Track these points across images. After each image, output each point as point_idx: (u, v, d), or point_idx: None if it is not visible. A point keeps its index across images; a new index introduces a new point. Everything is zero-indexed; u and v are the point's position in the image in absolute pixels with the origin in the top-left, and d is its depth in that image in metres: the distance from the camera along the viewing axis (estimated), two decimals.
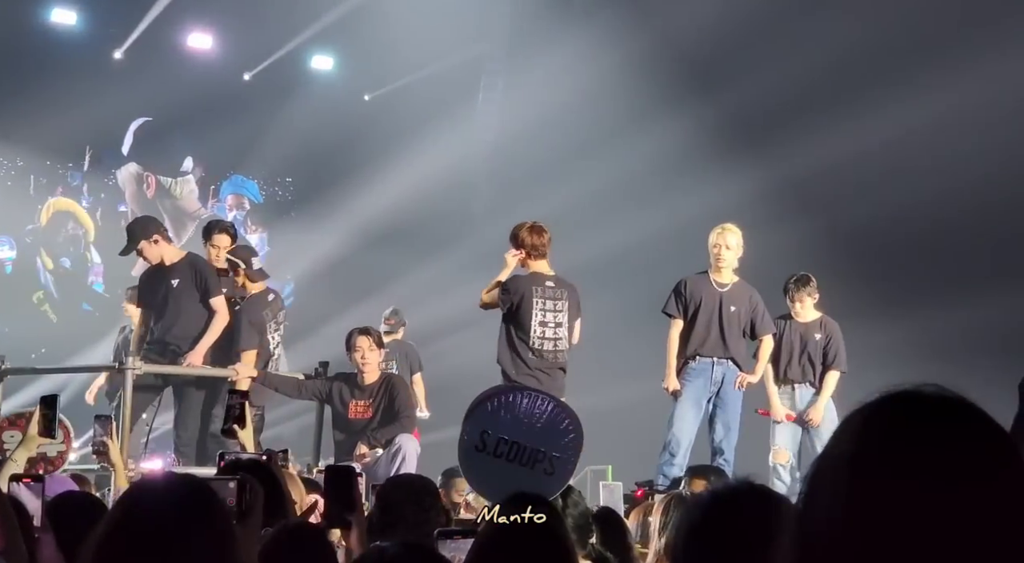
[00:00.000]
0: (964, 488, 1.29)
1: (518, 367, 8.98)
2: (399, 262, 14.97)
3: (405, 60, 15.63)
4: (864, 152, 13.42)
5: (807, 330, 10.04)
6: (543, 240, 9.14)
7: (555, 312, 9.08)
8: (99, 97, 14.78)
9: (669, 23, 14.25)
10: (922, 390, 1.39)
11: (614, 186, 14.55)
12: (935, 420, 1.35)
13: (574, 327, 9.23)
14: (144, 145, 16.21)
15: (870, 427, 1.36)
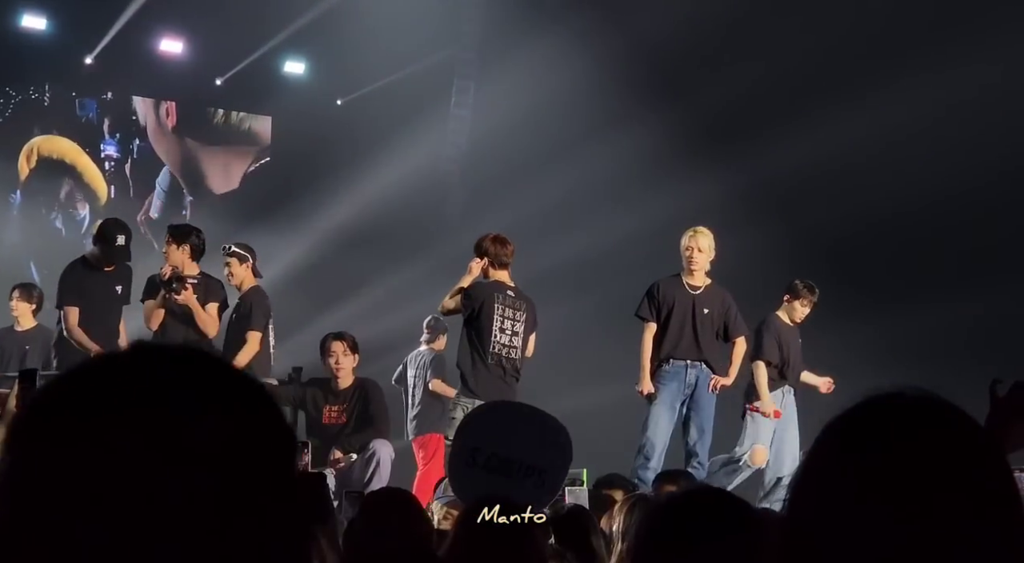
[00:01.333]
0: (949, 496, 1.29)
1: (477, 372, 9.06)
2: (372, 266, 14.94)
3: (377, 64, 15.61)
4: (835, 153, 13.46)
5: (791, 334, 10.11)
6: (507, 251, 9.28)
7: (514, 321, 9.17)
8: None
9: (639, 26, 14.27)
10: (903, 394, 1.39)
11: (586, 189, 14.57)
12: (916, 426, 1.35)
13: (529, 340, 9.30)
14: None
15: (852, 434, 1.36)
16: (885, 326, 12.91)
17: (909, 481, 1.29)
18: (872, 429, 1.35)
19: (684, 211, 11.56)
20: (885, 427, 1.34)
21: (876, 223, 13.83)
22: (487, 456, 5.49)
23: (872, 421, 1.36)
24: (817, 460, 1.36)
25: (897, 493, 1.29)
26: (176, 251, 9.83)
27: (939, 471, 1.30)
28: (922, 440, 1.32)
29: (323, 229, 15.42)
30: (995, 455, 1.34)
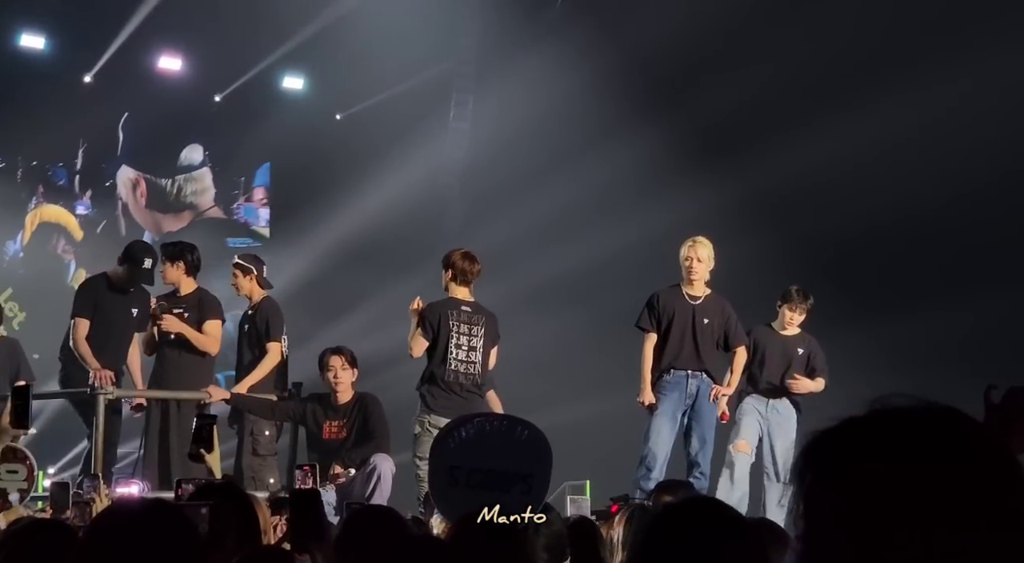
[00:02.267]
0: (958, 509, 1.27)
1: (435, 389, 9.14)
2: (372, 280, 14.95)
3: (376, 79, 15.65)
4: (831, 162, 13.47)
5: (789, 344, 10.02)
6: (473, 269, 9.43)
7: (470, 336, 9.24)
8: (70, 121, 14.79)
9: (635, 38, 14.30)
10: (904, 403, 1.36)
11: (584, 201, 14.58)
12: (921, 437, 1.32)
13: (490, 353, 9.34)
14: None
15: (854, 443, 1.34)
16: (880, 334, 12.91)
17: (919, 496, 1.27)
18: (874, 440, 1.32)
19: (681, 221, 11.56)
20: (887, 440, 1.31)
21: (872, 231, 13.82)
22: (467, 473, 5.47)
23: (875, 433, 1.33)
24: (823, 474, 1.34)
25: (906, 510, 1.27)
26: (172, 269, 9.93)
27: (952, 486, 1.27)
28: (929, 453, 1.30)
29: (322, 243, 15.43)
30: (1010, 464, 1.31)
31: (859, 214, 13.61)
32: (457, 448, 5.67)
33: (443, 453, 5.69)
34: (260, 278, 10.14)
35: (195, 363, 9.91)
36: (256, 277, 10.10)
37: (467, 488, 5.47)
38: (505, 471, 5.54)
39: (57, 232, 15.78)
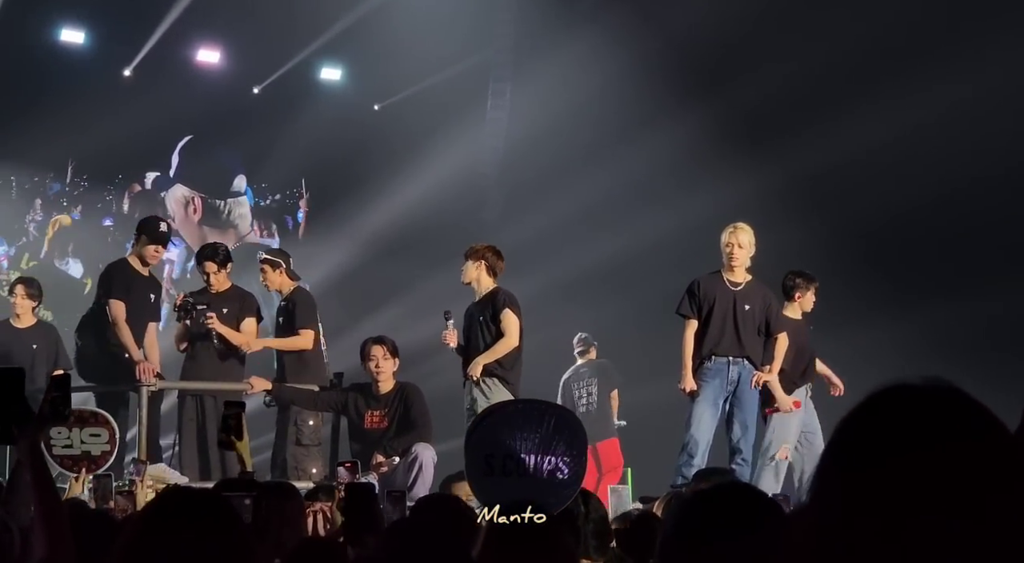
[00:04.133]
0: (956, 486, 1.25)
1: (518, 366, 9.56)
2: (411, 271, 14.97)
3: (413, 69, 15.65)
4: (874, 148, 13.39)
5: (798, 327, 9.98)
6: (500, 265, 9.85)
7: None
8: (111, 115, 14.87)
9: (673, 24, 14.24)
10: (913, 383, 1.35)
11: (624, 188, 14.54)
12: (924, 417, 1.31)
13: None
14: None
15: (861, 425, 1.33)
16: (921, 320, 12.82)
17: (919, 475, 1.26)
18: (880, 421, 1.31)
19: (721, 208, 11.52)
20: (892, 418, 1.30)
21: (915, 217, 13.72)
22: (501, 460, 5.46)
23: (881, 413, 1.32)
24: (830, 453, 1.34)
25: (904, 488, 1.25)
26: (216, 269, 9.96)
27: (951, 464, 1.26)
28: (931, 432, 1.29)
29: (362, 234, 15.47)
30: (1010, 446, 1.30)
31: (900, 199, 13.52)
32: (491, 436, 5.67)
33: (477, 442, 5.69)
34: (289, 270, 10.20)
35: (229, 357, 9.95)
36: (285, 270, 10.15)
37: (503, 476, 5.45)
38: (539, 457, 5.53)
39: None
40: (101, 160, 15.39)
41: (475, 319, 9.67)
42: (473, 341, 9.65)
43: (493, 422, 5.62)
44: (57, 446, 8.36)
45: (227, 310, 9.92)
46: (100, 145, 14.96)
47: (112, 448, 8.42)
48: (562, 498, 5.24)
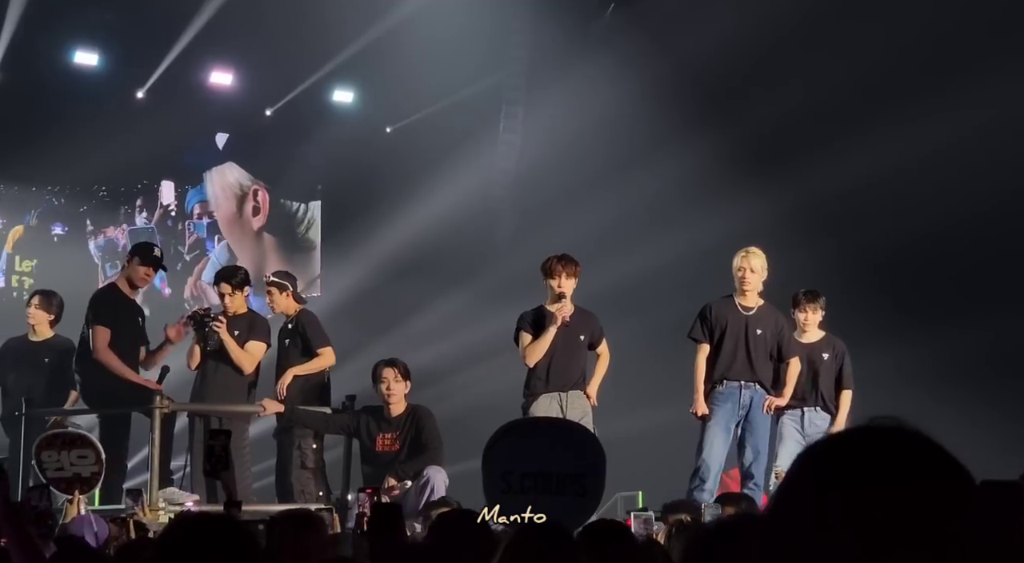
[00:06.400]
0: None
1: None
2: (424, 293, 14.98)
3: (426, 92, 15.69)
4: (885, 173, 13.37)
5: (813, 350, 9.90)
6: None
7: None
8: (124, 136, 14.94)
9: (685, 48, 14.25)
10: (881, 428, 1.36)
11: (636, 211, 14.54)
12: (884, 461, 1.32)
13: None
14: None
15: (845, 450, 1.34)
16: (932, 346, 12.77)
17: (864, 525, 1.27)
18: (836, 467, 1.33)
19: (733, 232, 11.52)
20: (852, 465, 1.32)
21: (926, 242, 13.69)
22: (519, 477, 5.44)
23: (840, 458, 1.34)
24: (783, 493, 1.35)
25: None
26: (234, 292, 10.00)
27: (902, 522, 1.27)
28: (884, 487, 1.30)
29: (374, 257, 15.48)
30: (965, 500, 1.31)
31: (911, 225, 13.50)
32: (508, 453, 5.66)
33: (494, 459, 5.68)
34: (295, 293, 10.22)
35: (236, 379, 9.95)
36: (291, 292, 10.17)
37: (520, 493, 5.44)
38: (557, 473, 5.52)
39: None
40: (116, 180, 15.47)
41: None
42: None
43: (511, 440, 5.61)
44: (50, 469, 8.45)
45: (237, 332, 9.94)
46: (114, 166, 15.03)
47: (100, 469, 8.49)
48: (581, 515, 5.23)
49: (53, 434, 8.90)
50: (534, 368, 9.37)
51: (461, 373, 14.29)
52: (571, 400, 9.33)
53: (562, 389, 9.34)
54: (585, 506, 5.42)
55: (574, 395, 9.36)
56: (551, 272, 9.44)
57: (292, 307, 10.15)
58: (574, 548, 3.30)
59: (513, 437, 5.68)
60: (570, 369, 9.42)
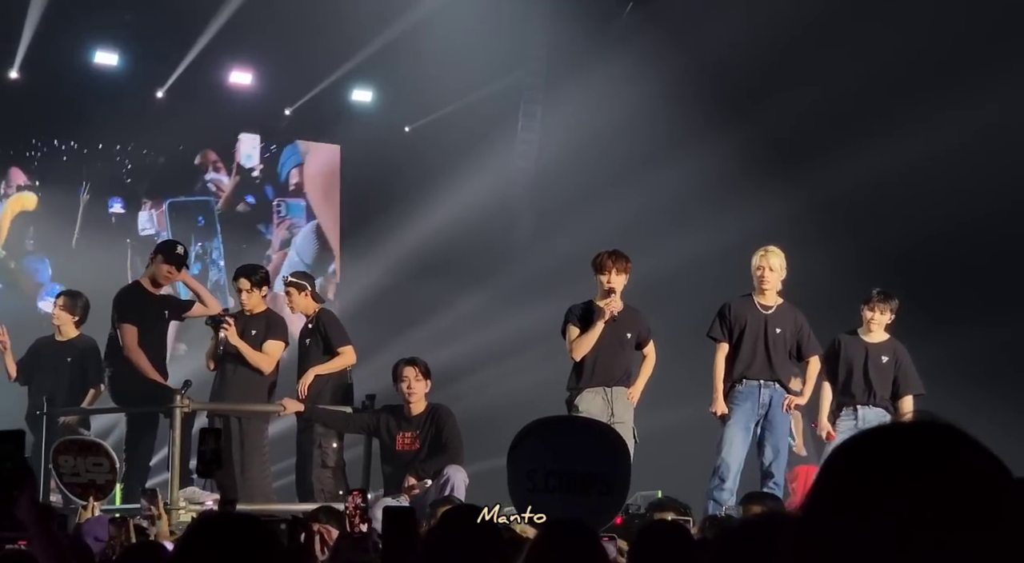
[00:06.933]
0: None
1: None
2: (443, 292, 15.00)
3: (444, 91, 15.70)
4: (906, 169, 13.34)
5: (875, 350, 9.83)
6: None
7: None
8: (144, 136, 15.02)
9: (704, 47, 14.25)
10: (910, 424, 1.36)
11: (655, 211, 14.53)
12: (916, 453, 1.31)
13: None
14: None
15: (838, 466, 1.34)
16: (955, 345, 12.74)
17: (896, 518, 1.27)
18: (868, 461, 1.32)
19: (752, 231, 11.51)
20: (883, 459, 1.31)
21: (945, 241, 13.66)
22: (544, 476, 5.44)
23: (873, 451, 1.33)
24: (817, 485, 1.35)
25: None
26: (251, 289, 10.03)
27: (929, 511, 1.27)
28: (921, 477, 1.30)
29: (393, 256, 15.51)
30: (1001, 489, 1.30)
31: (930, 223, 13.47)
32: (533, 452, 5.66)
33: (519, 458, 5.68)
34: (314, 293, 10.26)
35: (255, 379, 9.97)
36: (310, 292, 10.20)
37: (545, 492, 5.45)
38: (581, 472, 5.52)
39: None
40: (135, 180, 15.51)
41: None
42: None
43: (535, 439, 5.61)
44: (65, 474, 8.51)
45: (255, 332, 9.96)
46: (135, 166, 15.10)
47: (114, 478, 8.56)
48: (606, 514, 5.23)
49: (70, 440, 8.97)
50: (580, 363, 9.33)
51: (480, 372, 14.30)
52: (616, 395, 9.33)
53: (606, 384, 9.33)
54: (610, 505, 5.42)
55: (618, 391, 9.36)
56: (601, 267, 9.42)
57: (311, 307, 10.19)
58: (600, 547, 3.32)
59: (537, 436, 5.68)
60: (615, 366, 9.41)
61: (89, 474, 8.54)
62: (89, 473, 8.54)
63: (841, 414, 9.73)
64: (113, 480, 8.62)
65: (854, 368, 9.75)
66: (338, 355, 10.01)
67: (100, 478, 8.53)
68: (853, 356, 9.79)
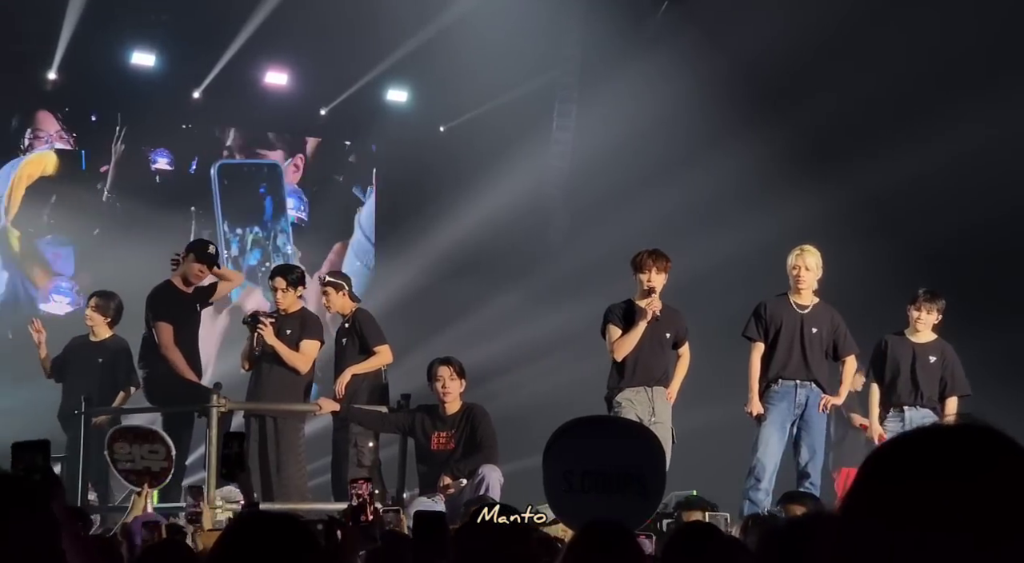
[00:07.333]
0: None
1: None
2: (477, 291, 15.01)
3: (479, 90, 15.71)
4: (942, 167, 13.26)
5: (922, 350, 9.78)
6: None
7: None
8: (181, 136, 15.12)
9: (739, 46, 14.20)
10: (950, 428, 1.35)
11: (690, 210, 14.50)
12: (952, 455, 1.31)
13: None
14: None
15: (875, 470, 1.34)
16: (991, 346, 12.64)
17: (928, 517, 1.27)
18: (909, 460, 1.32)
19: (788, 230, 11.47)
20: (925, 458, 1.31)
21: (981, 238, 13.57)
22: (580, 476, 5.43)
23: (913, 452, 1.33)
24: (854, 486, 1.35)
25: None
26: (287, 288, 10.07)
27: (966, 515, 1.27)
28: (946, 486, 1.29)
29: (428, 255, 15.54)
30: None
31: (972, 220, 13.39)
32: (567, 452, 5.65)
33: (554, 458, 5.67)
34: (351, 292, 10.28)
35: (291, 379, 10.00)
36: (347, 292, 10.23)
37: (581, 492, 5.44)
38: (617, 472, 5.50)
39: None
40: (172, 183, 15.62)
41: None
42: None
43: (569, 439, 5.60)
44: (121, 461, 8.56)
45: (289, 332, 9.99)
46: None
47: (170, 465, 8.62)
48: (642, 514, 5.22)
49: (126, 427, 9.01)
50: (621, 362, 9.32)
51: (514, 371, 14.31)
52: (656, 395, 9.32)
53: (647, 384, 9.31)
54: (645, 505, 5.40)
55: (658, 391, 9.34)
56: (641, 266, 9.40)
57: (348, 306, 10.22)
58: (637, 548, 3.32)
59: (572, 437, 5.67)
60: (655, 366, 9.39)
61: (144, 461, 8.59)
62: (144, 460, 8.59)
63: (888, 415, 9.67)
64: (168, 468, 8.67)
65: (901, 369, 9.70)
66: (374, 354, 10.03)
67: (155, 465, 8.57)
68: (900, 357, 9.73)
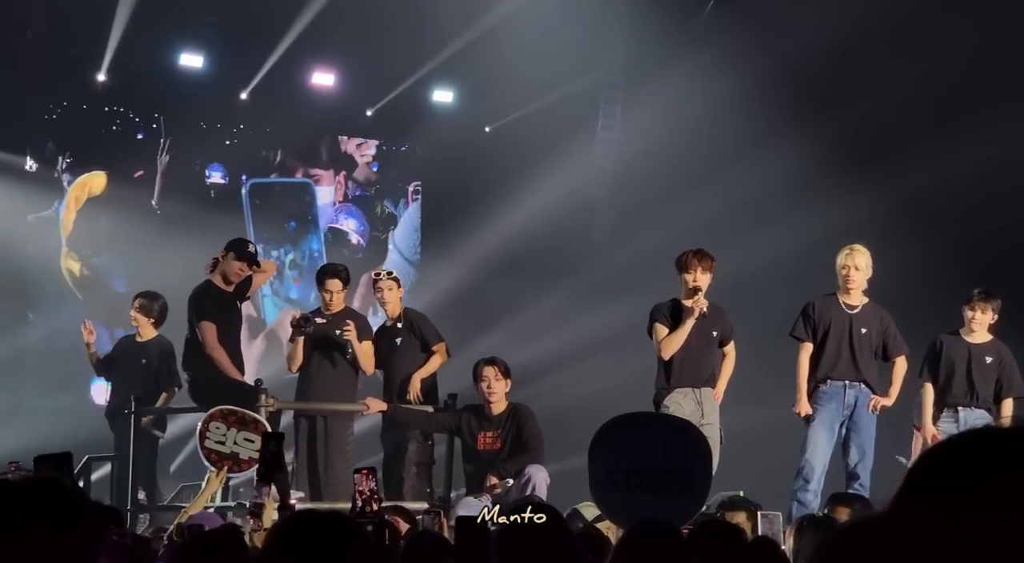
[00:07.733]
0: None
1: None
2: (522, 291, 15.02)
3: (525, 91, 15.72)
4: (991, 165, 13.15)
5: (978, 351, 9.69)
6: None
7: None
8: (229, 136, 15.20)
9: (784, 45, 14.14)
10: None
11: (736, 209, 14.45)
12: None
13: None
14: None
15: (928, 467, 1.32)
16: None
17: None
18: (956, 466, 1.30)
19: (834, 230, 11.41)
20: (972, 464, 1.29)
21: None
22: (625, 475, 5.40)
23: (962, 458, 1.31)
24: (902, 488, 1.34)
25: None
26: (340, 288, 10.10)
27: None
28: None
29: (473, 255, 15.56)
30: None
31: (1013, 220, 13.27)
32: (612, 451, 5.62)
33: (599, 457, 5.65)
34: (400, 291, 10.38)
35: (341, 378, 10.03)
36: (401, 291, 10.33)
37: (627, 491, 5.41)
38: (662, 470, 5.47)
39: None
40: None
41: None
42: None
43: (614, 437, 5.58)
44: (212, 438, 8.42)
45: (338, 331, 10.01)
46: None
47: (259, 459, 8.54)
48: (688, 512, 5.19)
49: (229, 409, 8.82)
50: (669, 362, 9.29)
51: (560, 371, 14.30)
52: (704, 396, 9.29)
53: (694, 385, 9.28)
54: (690, 504, 5.37)
55: (707, 392, 9.31)
56: (686, 266, 9.37)
57: (399, 305, 10.26)
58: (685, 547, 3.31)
59: (616, 434, 5.65)
60: (703, 365, 9.36)
61: (236, 447, 8.46)
62: (237, 446, 8.47)
63: (942, 416, 9.59)
64: (256, 460, 8.63)
65: (956, 369, 9.61)
66: (433, 354, 10.07)
67: (244, 453, 8.44)
68: (955, 357, 9.64)
